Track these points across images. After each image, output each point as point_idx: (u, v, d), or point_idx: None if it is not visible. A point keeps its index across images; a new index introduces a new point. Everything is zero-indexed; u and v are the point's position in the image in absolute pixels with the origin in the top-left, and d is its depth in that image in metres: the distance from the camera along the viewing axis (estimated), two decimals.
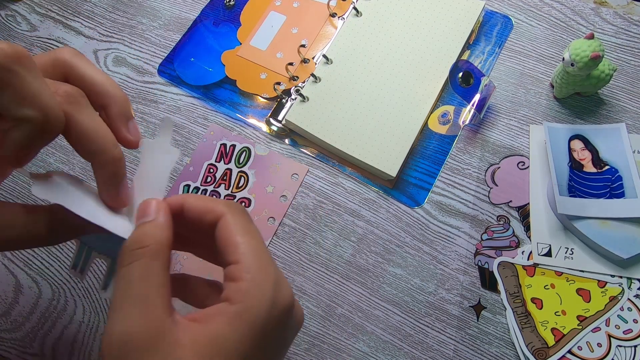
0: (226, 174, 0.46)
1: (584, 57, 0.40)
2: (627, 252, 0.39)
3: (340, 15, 0.52)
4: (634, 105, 0.46)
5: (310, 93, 0.48)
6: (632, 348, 0.38)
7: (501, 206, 0.44)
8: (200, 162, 0.47)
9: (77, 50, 0.28)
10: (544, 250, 0.41)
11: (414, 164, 0.46)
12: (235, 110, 0.49)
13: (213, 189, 0.46)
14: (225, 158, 0.47)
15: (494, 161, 0.45)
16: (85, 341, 0.42)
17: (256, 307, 0.23)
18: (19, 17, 0.56)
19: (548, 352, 0.38)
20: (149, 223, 0.25)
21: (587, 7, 0.50)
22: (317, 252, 0.43)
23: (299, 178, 0.46)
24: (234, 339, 0.22)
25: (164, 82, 0.52)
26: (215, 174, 0.46)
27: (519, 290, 0.40)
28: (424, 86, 0.47)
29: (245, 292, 0.23)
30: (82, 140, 0.25)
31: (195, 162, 0.47)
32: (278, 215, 0.44)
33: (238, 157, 0.47)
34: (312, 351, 0.40)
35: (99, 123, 0.26)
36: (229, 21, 0.54)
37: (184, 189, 0.46)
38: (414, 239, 0.43)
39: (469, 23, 0.49)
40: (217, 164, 0.47)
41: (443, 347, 0.40)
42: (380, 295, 0.41)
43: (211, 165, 0.47)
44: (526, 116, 0.47)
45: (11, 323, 0.43)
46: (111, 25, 0.55)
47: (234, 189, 0.46)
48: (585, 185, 0.42)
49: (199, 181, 0.46)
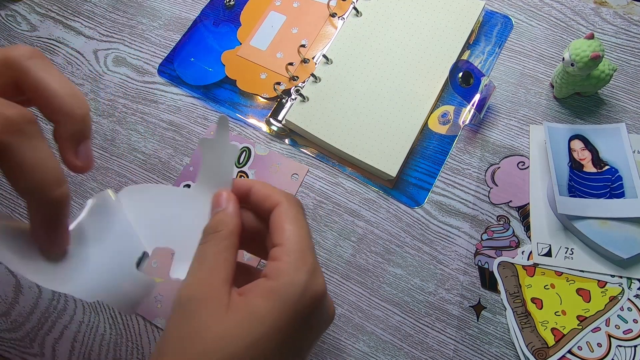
0: None
1: (584, 57, 0.40)
2: (627, 252, 0.39)
3: (340, 15, 0.52)
4: (634, 105, 0.46)
5: (310, 93, 0.48)
6: (632, 348, 0.38)
7: (501, 206, 0.44)
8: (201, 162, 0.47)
9: (36, 50, 0.25)
10: (544, 250, 0.41)
11: (414, 164, 0.46)
12: (235, 110, 0.49)
13: None
14: None
15: (494, 161, 0.45)
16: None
17: (290, 285, 0.26)
18: (19, 17, 0.56)
19: (548, 352, 0.38)
20: (222, 212, 0.29)
21: (587, 7, 0.50)
22: (317, 252, 0.43)
23: (299, 178, 0.46)
24: (266, 310, 0.25)
25: (164, 82, 0.52)
26: None
27: (519, 290, 0.40)
28: (424, 86, 0.47)
29: (282, 271, 0.26)
30: (15, 175, 0.22)
31: (195, 162, 0.47)
32: None
33: (238, 157, 0.47)
34: (312, 351, 0.40)
35: (41, 156, 0.23)
36: (229, 21, 0.54)
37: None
38: (414, 239, 0.43)
39: (469, 23, 0.49)
40: None
41: (443, 347, 0.40)
42: (380, 295, 0.41)
43: None
44: (526, 116, 0.47)
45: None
46: (111, 25, 0.55)
47: None
48: (585, 185, 0.42)
49: None
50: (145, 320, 0.42)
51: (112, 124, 0.50)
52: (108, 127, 0.50)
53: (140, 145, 0.49)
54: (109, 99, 0.51)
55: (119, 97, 0.51)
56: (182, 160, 0.48)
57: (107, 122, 0.50)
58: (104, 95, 0.51)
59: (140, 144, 0.49)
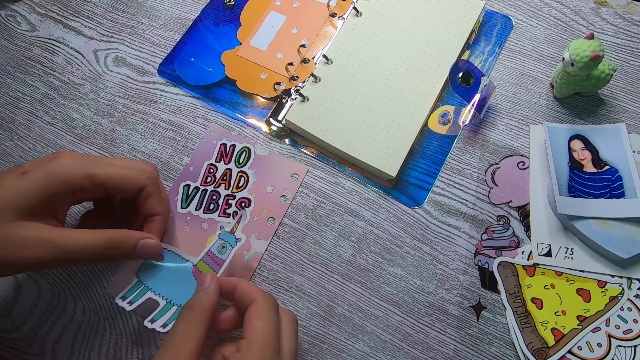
0: (226, 174, 0.46)
1: (584, 57, 0.40)
2: (627, 252, 0.39)
3: (340, 15, 0.52)
4: (634, 105, 0.46)
5: (310, 93, 0.48)
6: (632, 348, 0.38)
7: (501, 206, 0.44)
8: (200, 162, 0.47)
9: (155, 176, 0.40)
10: (544, 250, 0.41)
11: (414, 164, 0.46)
12: (235, 110, 0.49)
13: (213, 189, 0.46)
14: (225, 158, 0.47)
15: (494, 161, 0.45)
16: (85, 341, 0.42)
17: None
18: (19, 17, 0.56)
19: (548, 352, 0.38)
20: (202, 290, 0.35)
21: (587, 7, 0.50)
22: (317, 252, 0.43)
23: (299, 178, 0.46)
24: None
25: (164, 82, 0.52)
26: (215, 174, 0.46)
27: (519, 290, 0.40)
28: (424, 86, 0.47)
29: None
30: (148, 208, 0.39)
31: (195, 162, 0.47)
32: (278, 215, 0.44)
33: (238, 157, 0.47)
34: (312, 351, 0.40)
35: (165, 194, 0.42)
36: (229, 21, 0.54)
37: (184, 189, 0.46)
38: (414, 239, 0.43)
39: (469, 23, 0.49)
40: (217, 164, 0.47)
41: (443, 347, 0.40)
42: (380, 295, 0.41)
43: (211, 165, 0.47)
44: (526, 116, 0.47)
45: (11, 323, 0.43)
46: (111, 25, 0.55)
47: (234, 189, 0.46)
48: (585, 185, 0.42)
49: (199, 181, 0.46)
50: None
51: (112, 124, 0.50)
52: (108, 127, 0.50)
53: (140, 145, 0.49)
54: (109, 99, 0.51)
55: (119, 97, 0.51)
56: (182, 160, 0.48)
57: (107, 122, 0.50)
58: (104, 95, 0.51)
59: (140, 144, 0.49)
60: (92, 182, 0.36)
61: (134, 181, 0.37)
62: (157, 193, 0.39)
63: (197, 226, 0.44)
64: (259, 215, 0.44)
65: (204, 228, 0.44)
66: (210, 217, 0.45)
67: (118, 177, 0.37)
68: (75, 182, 0.35)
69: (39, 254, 0.33)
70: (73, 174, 0.35)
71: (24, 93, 0.52)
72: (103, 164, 0.37)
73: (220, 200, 0.45)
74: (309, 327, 0.41)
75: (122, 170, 0.37)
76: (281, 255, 0.43)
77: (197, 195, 0.46)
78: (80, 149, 0.49)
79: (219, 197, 0.45)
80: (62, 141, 0.49)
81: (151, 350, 0.41)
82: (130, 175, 0.37)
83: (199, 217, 0.45)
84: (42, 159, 0.36)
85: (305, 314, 0.41)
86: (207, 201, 0.45)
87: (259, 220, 0.44)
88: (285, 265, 0.43)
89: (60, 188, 0.34)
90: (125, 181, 0.37)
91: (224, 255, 0.41)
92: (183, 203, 0.45)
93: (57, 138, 0.50)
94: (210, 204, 0.45)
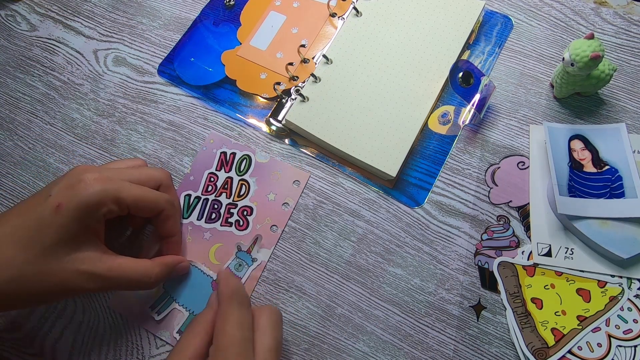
0: (227, 182, 0.46)
1: (584, 57, 0.40)
2: (627, 252, 0.39)
3: (340, 15, 0.52)
4: (634, 105, 0.46)
5: (310, 93, 0.48)
6: (632, 348, 0.38)
7: (501, 206, 0.44)
8: (201, 171, 0.47)
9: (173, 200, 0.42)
10: (544, 250, 0.41)
11: (414, 164, 0.46)
12: (235, 110, 0.49)
13: (214, 198, 0.45)
14: (226, 166, 0.47)
15: (494, 161, 0.45)
16: (85, 341, 0.42)
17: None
18: (19, 17, 0.56)
19: (548, 352, 0.38)
20: (208, 307, 0.38)
21: (587, 7, 0.50)
22: (317, 252, 0.43)
23: (301, 185, 0.46)
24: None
25: (164, 82, 0.52)
26: (216, 183, 0.46)
27: (519, 290, 0.40)
28: (424, 86, 0.47)
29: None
30: (167, 229, 0.42)
31: (196, 171, 0.47)
32: (281, 223, 0.44)
33: (238, 165, 0.47)
34: (312, 351, 0.40)
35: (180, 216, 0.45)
36: (229, 21, 0.54)
37: (185, 198, 0.45)
38: (414, 239, 0.43)
39: (469, 23, 0.49)
40: (217, 172, 0.46)
41: (443, 347, 0.40)
42: (380, 295, 0.41)
43: (212, 174, 0.46)
44: (526, 116, 0.47)
45: (11, 323, 0.43)
46: (111, 25, 0.55)
47: (236, 198, 0.45)
48: (585, 185, 0.42)
49: (200, 190, 0.46)
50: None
51: (112, 124, 0.50)
52: (108, 127, 0.50)
53: (140, 145, 0.49)
54: (109, 99, 0.51)
55: (119, 97, 0.51)
56: (182, 160, 0.48)
57: (107, 122, 0.50)
58: (104, 95, 0.51)
59: (140, 144, 0.49)
60: (119, 206, 0.37)
61: (155, 205, 0.40)
62: (175, 215, 0.42)
63: (200, 236, 0.44)
64: (261, 223, 0.44)
65: (206, 238, 0.44)
66: (212, 226, 0.44)
67: (143, 201, 0.39)
68: (106, 209, 0.36)
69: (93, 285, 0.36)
70: (104, 202, 0.36)
71: (24, 93, 0.52)
72: (126, 186, 0.38)
73: (222, 210, 0.45)
74: (309, 327, 0.41)
75: (146, 194, 0.39)
76: (281, 255, 0.43)
77: (198, 204, 0.45)
78: (80, 149, 0.49)
79: (221, 206, 0.45)
80: (62, 141, 0.49)
81: (151, 350, 0.41)
82: (153, 199, 0.39)
83: (200, 227, 0.44)
84: (67, 183, 0.36)
85: (305, 314, 0.41)
86: (208, 211, 0.45)
87: (261, 228, 0.44)
88: (285, 265, 0.43)
89: (95, 216, 0.36)
90: (148, 206, 0.39)
91: (240, 272, 0.43)
92: (185, 213, 0.45)
93: (57, 138, 0.50)
94: (212, 213, 0.45)
